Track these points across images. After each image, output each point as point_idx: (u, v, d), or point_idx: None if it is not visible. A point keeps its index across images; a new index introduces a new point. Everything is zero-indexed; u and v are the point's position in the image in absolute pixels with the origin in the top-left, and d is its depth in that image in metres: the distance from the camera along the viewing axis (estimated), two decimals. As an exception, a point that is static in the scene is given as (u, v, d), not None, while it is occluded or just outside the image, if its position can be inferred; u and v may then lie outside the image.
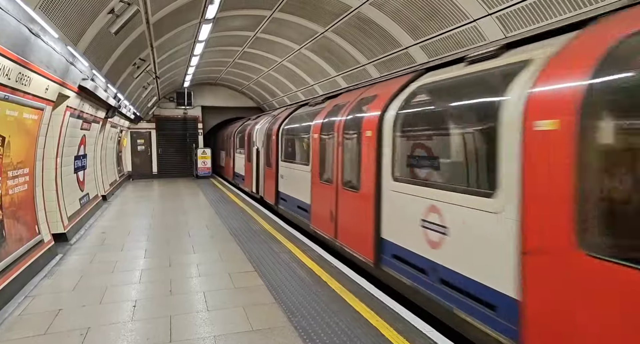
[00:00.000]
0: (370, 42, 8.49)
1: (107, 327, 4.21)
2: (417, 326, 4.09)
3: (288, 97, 16.06)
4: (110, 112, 11.78)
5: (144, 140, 20.80)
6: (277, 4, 8.53)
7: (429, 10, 6.38)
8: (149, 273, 5.95)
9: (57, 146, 7.60)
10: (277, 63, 13.20)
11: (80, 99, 8.40)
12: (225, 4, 8.23)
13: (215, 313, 4.55)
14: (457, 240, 3.95)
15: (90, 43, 6.08)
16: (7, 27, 4.12)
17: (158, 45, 9.17)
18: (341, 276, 5.62)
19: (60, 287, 5.42)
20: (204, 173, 20.49)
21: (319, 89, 12.87)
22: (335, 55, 10.10)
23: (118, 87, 10.20)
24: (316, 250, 6.94)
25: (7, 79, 4.57)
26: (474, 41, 6.22)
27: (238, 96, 21.56)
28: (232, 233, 8.33)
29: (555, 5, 4.79)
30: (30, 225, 6.03)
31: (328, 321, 4.24)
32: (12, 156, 5.30)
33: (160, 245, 7.55)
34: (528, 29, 5.22)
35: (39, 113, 6.02)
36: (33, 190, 6.22)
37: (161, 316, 4.47)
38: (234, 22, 10.01)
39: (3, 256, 4.93)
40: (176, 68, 13.91)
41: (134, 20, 6.00)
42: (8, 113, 4.96)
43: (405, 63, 8.05)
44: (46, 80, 5.76)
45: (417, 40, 7.26)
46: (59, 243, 7.22)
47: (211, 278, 5.67)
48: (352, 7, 7.52)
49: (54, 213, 7.44)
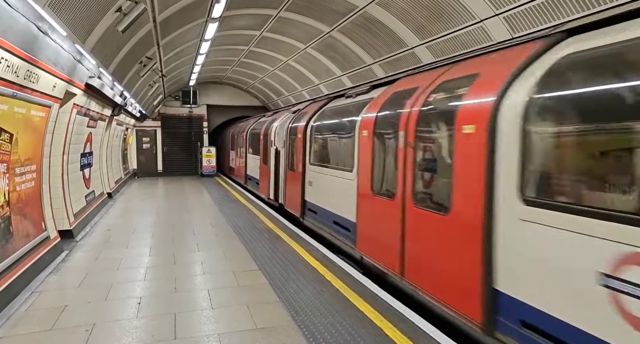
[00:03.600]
0: (376, 42, 8.48)
1: (112, 323, 4.23)
2: (422, 326, 4.09)
3: (293, 96, 16.07)
4: (117, 109, 11.84)
5: (150, 138, 20.88)
6: (283, 4, 8.53)
7: (436, 10, 6.36)
8: (153, 270, 5.98)
9: (63, 143, 7.65)
10: (283, 62, 13.21)
11: (87, 97, 8.45)
12: (232, 3, 8.24)
13: (220, 310, 4.56)
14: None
15: (98, 41, 6.11)
16: (16, 24, 4.16)
17: (164, 43, 9.20)
18: (345, 275, 5.62)
19: (66, 283, 5.46)
20: (208, 172, 20.53)
21: (324, 88, 12.86)
22: (341, 54, 10.10)
23: (124, 85, 10.24)
24: (320, 249, 6.94)
25: (16, 76, 4.61)
26: (480, 42, 6.20)
27: (243, 95, 21.60)
28: (236, 231, 8.35)
29: (563, 6, 4.76)
30: (37, 222, 6.07)
31: (332, 321, 4.25)
32: (20, 153, 5.34)
33: (165, 242, 7.58)
34: (535, 30, 5.19)
35: (46, 111, 6.06)
36: (40, 186, 6.27)
37: (166, 313, 4.49)
38: (240, 21, 10.03)
39: (10, 252, 4.97)
40: (182, 66, 13.96)
41: (141, 18, 6.03)
42: (16, 111, 5.00)
43: (411, 63, 8.03)
44: (54, 77, 5.80)
45: (424, 40, 7.25)
46: (65, 239, 7.27)
47: (215, 276, 5.69)
48: (358, 7, 7.51)
49: (60, 210, 7.49)
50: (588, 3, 4.50)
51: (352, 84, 10.82)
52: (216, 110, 21.99)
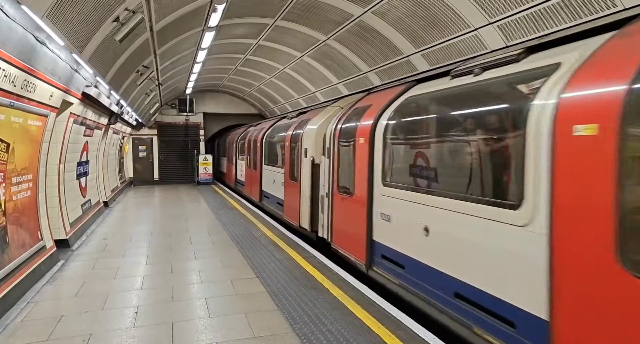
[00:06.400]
0: (371, 50, 8.55)
1: (109, 333, 4.21)
2: (420, 334, 4.09)
3: (289, 103, 16.13)
4: (113, 118, 11.85)
5: (146, 146, 20.85)
6: (280, 12, 8.60)
7: (431, 19, 6.44)
8: (150, 279, 5.95)
9: (60, 152, 7.64)
10: (279, 70, 13.28)
11: (83, 106, 8.45)
12: (228, 12, 8.30)
13: (217, 319, 4.54)
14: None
15: (95, 51, 6.13)
16: (15, 35, 4.18)
17: (161, 52, 9.24)
18: (342, 282, 5.61)
19: (62, 293, 5.43)
20: (205, 180, 20.50)
21: (320, 96, 12.93)
22: (337, 62, 10.17)
23: (121, 94, 10.26)
24: (317, 256, 6.94)
25: (13, 86, 4.62)
26: (475, 50, 6.27)
27: (240, 103, 21.66)
28: (233, 239, 8.33)
29: (555, 15, 4.84)
30: (33, 231, 6.04)
31: (330, 328, 4.24)
32: (17, 162, 5.34)
33: (161, 251, 7.55)
34: (529, 38, 5.26)
35: (43, 120, 6.07)
36: (36, 196, 6.25)
37: (163, 322, 4.47)
38: (237, 30, 10.10)
39: (6, 262, 4.94)
40: (178, 75, 14.00)
41: (138, 28, 6.06)
42: (13, 120, 5.00)
43: (406, 71, 8.10)
44: (51, 87, 5.81)
45: (419, 48, 7.32)
46: (61, 249, 7.23)
47: (213, 285, 5.67)
48: (354, 16, 7.58)
49: (56, 219, 7.46)
50: (580, 12, 4.58)
51: (348, 92, 10.88)
52: (213, 118, 22.02)
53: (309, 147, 8.34)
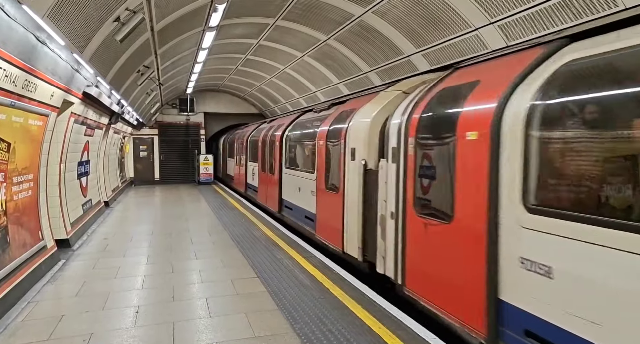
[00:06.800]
0: (372, 50, 8.55)
1: (110, 333, 4.21)
2: (421, 334, 4.08)
3: (290, 103, 16.13)
4: (114, 118, 11.85)
5: (147, 146, 20.87)
6: (280, 12, 8.60)
7: (431, 18, 6.43)
8: (151, 279, 5.95)
9: (60, 152, 7.65)
10: (280, 70, 13.28)
11: (84, 106, 8.46)
12: (229, 12, 8.30)
13: (218, 319, 4.55)
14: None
15: (96, 50, 6.14)
16: (15, 35, 4.18)
17: (162, 52, 9.24)
18: (343, 282, 5.61)
19: (63, 293, 5.44)
20: (205, 180, 20.50)
21: (321, 96, 12.93)
22: (338, 62, 10.16)
23: (122, 94, 10.26)
24: (318, 256, 6.94)
25: (14, 86, 4.62)
26: (476, 49, 6.26)
27: (240, 103, 21.67)
28: (234, 239, 8.33)
29: (557, 14, 4.83)
30: (34, 231, 6.05)
31: (330, 328, 4.24)
32: (17, 162, 5.34)
33: (162, 251, 7.55)
34: (529, 38, 5.26)
35: (44, 120, 6.07)
36: (37, 195, 6.25)
37: (164, 322, 4.47)
38: (237, 30, 10.10)
39: (7, 262, 4.95)
40: (179, 75, 14.00)
41: (139, 27, 6.06)
42: (14, 120, 5.01)
43: (407, 70, 8.10)
44: (52, 86, 5.82)
45: (419, 48, 7.31)
46: (62, 248, 7.23)
47: (213, 285, 5.68)
48: (354, 16, 7.58)
49: (57, 219, 7.46)
50: (581, 11, 4.58)
51: (348, 91, 10.87)
52: (213, 118, 22.04)
53: (358, 146, 6.24)
